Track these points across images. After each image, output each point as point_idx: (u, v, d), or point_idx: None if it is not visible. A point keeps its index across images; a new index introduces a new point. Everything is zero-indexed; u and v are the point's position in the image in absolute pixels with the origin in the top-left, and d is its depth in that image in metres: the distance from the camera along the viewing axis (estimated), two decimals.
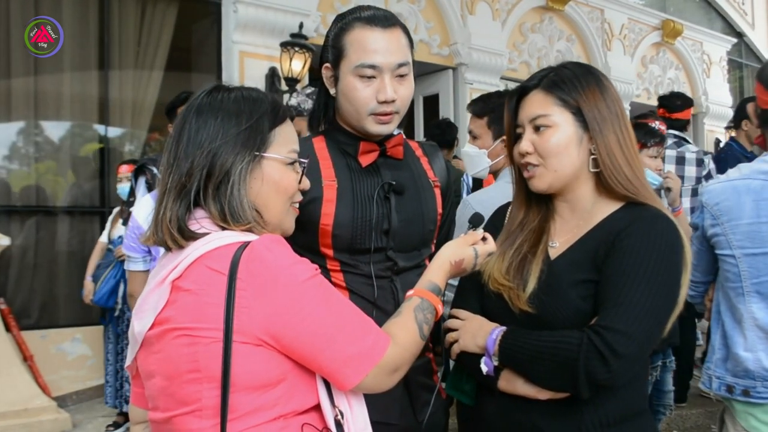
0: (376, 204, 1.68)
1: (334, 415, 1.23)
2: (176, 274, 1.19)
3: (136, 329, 1.25)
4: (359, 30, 1.64)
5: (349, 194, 1.67)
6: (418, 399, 1.71)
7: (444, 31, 7.58)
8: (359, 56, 1.62)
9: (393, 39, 1.64)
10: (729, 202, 1.87)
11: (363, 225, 1.66)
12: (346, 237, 1.65)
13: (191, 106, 1.31)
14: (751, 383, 1.83)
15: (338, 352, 1.18)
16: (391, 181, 1.70)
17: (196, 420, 1.17)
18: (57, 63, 5.59)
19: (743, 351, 1.85)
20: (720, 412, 2.04)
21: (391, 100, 1.62)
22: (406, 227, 1.70)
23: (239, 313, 1.14)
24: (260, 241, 1.19)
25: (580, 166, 1.51)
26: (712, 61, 11.42)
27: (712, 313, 2.01)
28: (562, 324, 1.43)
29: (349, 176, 1.70)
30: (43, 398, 4.82)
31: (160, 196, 1.28)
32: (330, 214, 1.64)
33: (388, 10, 1.71)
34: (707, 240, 1.96)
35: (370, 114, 1.64)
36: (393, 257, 1.69)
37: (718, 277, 1.99)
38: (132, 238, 2.94)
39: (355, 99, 1.64)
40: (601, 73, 1.56)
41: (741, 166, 1.97)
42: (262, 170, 1.28)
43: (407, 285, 1.63)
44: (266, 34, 6.09)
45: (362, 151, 1.70)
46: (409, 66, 1.67)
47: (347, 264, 1.67)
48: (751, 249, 1.84)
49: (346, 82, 1.65)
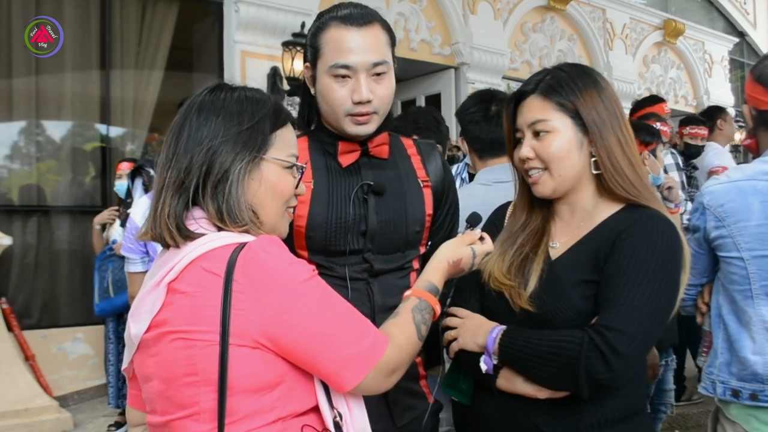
0: (353, 205, 1.65)
1: (332, 416, 1.22)
2: (172, 275, 1.18)
3: (132, 332, 1.23)
4: (334, 29, 1.61)
5: (325, 195, 1.65)
6: (398, 403, 1.67)
7: (445, 30, 7.57)
8: (333, 56, 1.60)
9: (369, 37, 1.60)
10: (735, 203, 1.84)
11: (338, 226, 1.63)
12: (320, 238, 1.63)
13: (193, 103, 1.30)
14: (760, 387, 1.80)
15: (336, 354, 1.17)
16: (369, 182, 1.66)
17: (194, 424, 1.16)
18: (58, 62, 5.59)
19: (751, 354, 1.82)
20: (713, 413, 2.00)
21: (366, 100, 1.59)
22: (386, 229, 1.66)
23: (236, 315, 1.13)
24: (257, 242, 1.18)
25: (582, 170, 1.51)
26: (713, 61, 11.40)
27: (712, 317, 1.98)
28: (563, 324, 1.43)
29: (326, 177, 1.67)
30: (45, 398, 4.82)
31: (157, 192, 1.27)
32: (303, 215, 1.62)
33: (366, 7, 1.67)
34: (708, 242, 1.92)
35: (347, 115, 1.62)
36: (370, 259, 1.65)
37: (718, 280, 1.96)
38: (130, 239, 2.94)
39: (331, 99, 1.62)
40: (597, 73, 1.56)
41: (743, 166, 1.94)
42: (261, 172, 1.27)
43: (385, 287, 1.63)
44: (268, 34, 6.08)
45: (341, 151, 1.68)
46: (387, 64, 1.63)
47: (322, 266, 1.64)
48: (760, 251, 1.80)
49: (322, 83, 1.63)
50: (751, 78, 1.94)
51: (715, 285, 1.99)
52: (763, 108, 1.93)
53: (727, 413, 1.89)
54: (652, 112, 4.44)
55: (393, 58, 1.67)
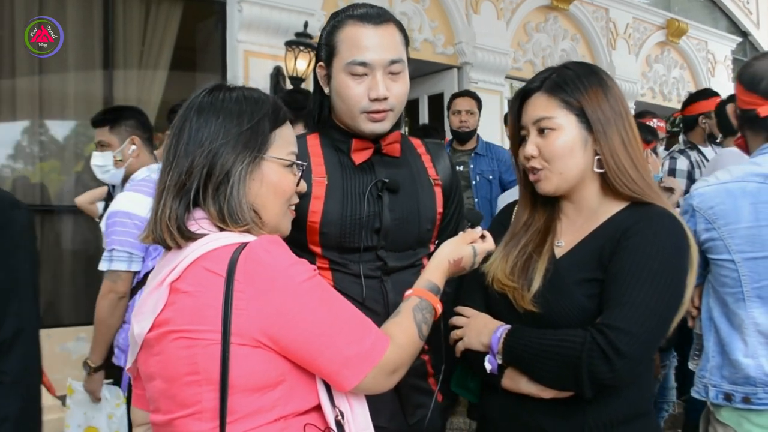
0: (368, 202, 1.65)
1: (334, 415, 1.23)
2: (174, 275, 1.19)
3: (135, 331, 1.24)
4: (351, 27, 1.62)
5: (339, 191, 1.65)
6: (409, 402, 1.68)
7: (448, 30, 7.56)
8: (351, 53, 1.60)
9: (385, 36, 1.62)
10: (724, 205, 1.83)
11: (352, 223, 1.63)
12: (335, 235, 1.63)
13: (192, 105, 1.30)
14: (752, 390, 1.79)
15: (337, 354, 1.18)
16: (384, 179, 1.67)
17: (197, 422, 1.17)
18: (61, 62, 5.59)
19: (743, 357, 1.81)
20: (704, 414, 1.98)
21: (383, 97, 1.60)
22: (400, 226, 1.67)
23: (237, 314, 1.14)
24: (258, 242, 1.19)
25: (585, 168, 1.50)
26: (716, 61, 11.36)
27: (703, 320, 1.96)
28: (567, 323, 1.42)
29: (340, 173, 1.67)
30: (48, 397, 4.76)
31: (158, 194, 1.27)
32: (318, 211, 1.62)
33: (381, 8, 1.69)
34: (698, 245, 1.91)
35: (363, 112, 1.62)
36: (383, 257, 1.66)
37: (708, 283, 1.95)
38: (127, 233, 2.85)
39: (347, 97, 1.62)
40: (603, 71, 1.56)
41: (730, 168, 1.92)
42: (262, 172, 1.28)
43: (399, 285, 1.62)
44: (271, 34, 6.08)
45: (355, 148, 1.68)
46: (402, 63, 1.64)
47: (336, 263, 1.65)
48: (751, 253, 1.80)
49: (338, 80, 1.64)
50: (737, 78, 1.97)
51: (705, 288, 1.98)
52: (744, 107, 1.95)
53: (718, 416, 1.88)
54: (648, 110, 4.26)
55: (407, 58, 1.68)
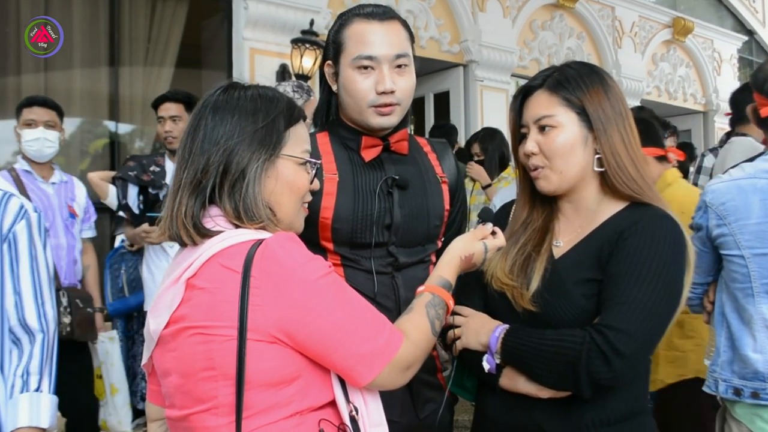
0: (379, 198, 1.67)
1: (348, 411, 1.23)
2: (191, 272, 1.19)
3: (151, 327, 1.25)
4: (357, 24, 1.66)
5: (350, 188, 1.67)
6: (419, 396, 1.70)
7: (454, 28, 7.56)
8: (357, 48, 1.64)
9: (391, 31, 1.65)
10: (735, 201, 1.86)
11: (364, 219, 1.65)
12: (346, 231, 1.65)
13: (207, 103, 1.31)
14: (761, 385, 1.81)
15: (352, 350, 1.18)
16: (394, 176, 1.69)
17: (212, 417, 1.18)
18: (67, 60, 5.60)
19: (752, 352, 1.83)
20: (720, 412, 2.01)
21: (390, 90, 1.63)
22: (410, 222, 1.69)
23: (253, 310, 1.14)
24: (274, 238, 1.19)
25: (585, 167, 1.51)
26: (722, 59, 11.34)
27: (715, 315, 1.99)
28: (566, 323, 1.43)
29: (351, 170, 1.69)
30: None
31: (173, 192, 1.28)
32: (330, 207, 1.64)
33: (387, 6, 1.72)
34: (711, 240, 1.94)
35: (371, 106, 1.64)
36: (394, 253, 1.68)
37: (721, 278, 1.97)
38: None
39: (354, 91, 1.65)
40: (605, 71, 1.57)
41: (744, 165, 1.95)
42: (277, 169, 1.28)
43: (409, 281, 1.65)
44: (277, 31, 6.08)
45: (364, 145, 1.70)
46: (408, 58, 1.67)
47: (348, 258, 1.67)
48: (760, 249, 1.82)
49: (345, 76, 1.66)
50: (751, 80, 2.01)
51: (718, 283, 2.01)
52: (758, 108, 1.98)
53: (732, 412, 1.91)
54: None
55: (413, 55, 1.71)
